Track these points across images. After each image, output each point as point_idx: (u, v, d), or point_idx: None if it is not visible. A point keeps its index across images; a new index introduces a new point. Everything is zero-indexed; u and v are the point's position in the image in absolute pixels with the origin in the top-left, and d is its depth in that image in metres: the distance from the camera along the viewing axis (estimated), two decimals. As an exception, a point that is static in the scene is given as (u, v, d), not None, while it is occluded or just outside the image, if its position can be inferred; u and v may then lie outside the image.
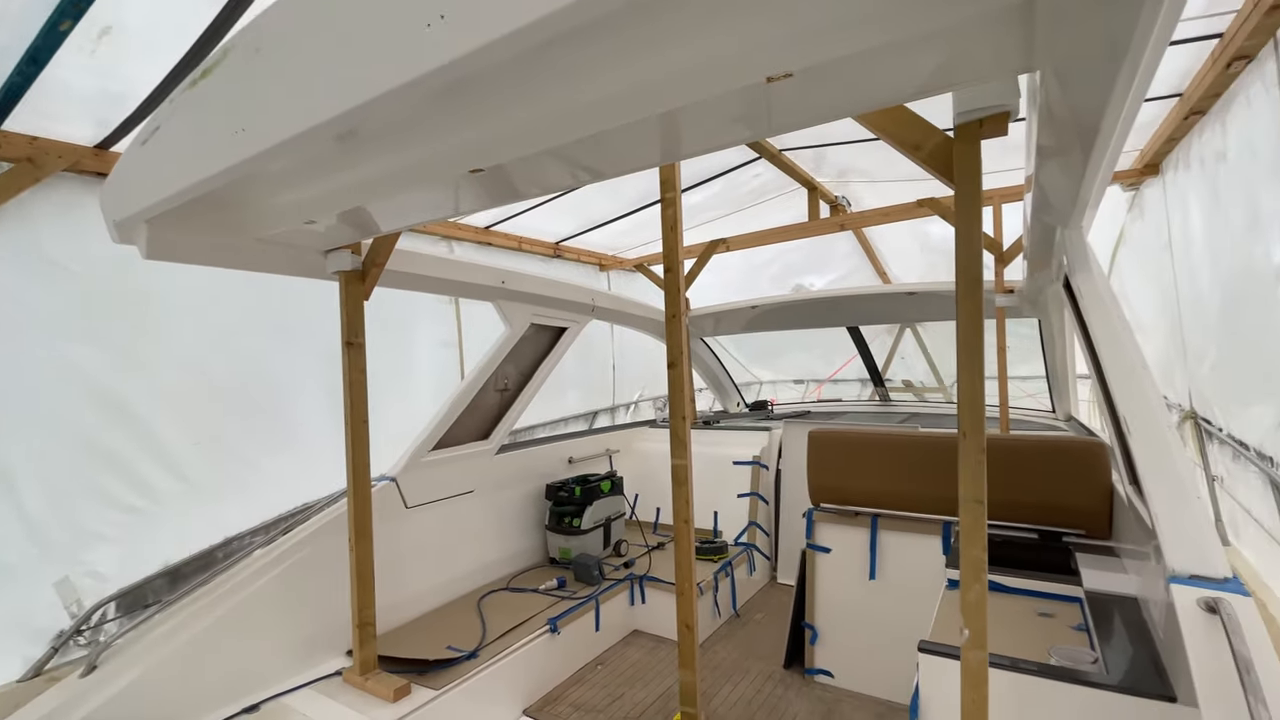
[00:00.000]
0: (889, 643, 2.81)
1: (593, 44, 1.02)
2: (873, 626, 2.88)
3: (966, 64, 1.17)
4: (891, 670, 2.80)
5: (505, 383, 3.66)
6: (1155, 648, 1.61)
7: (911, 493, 2.83)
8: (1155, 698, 1.43)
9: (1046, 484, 2.46)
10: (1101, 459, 2.38)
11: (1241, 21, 2.19)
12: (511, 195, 1.76)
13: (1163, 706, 1.41)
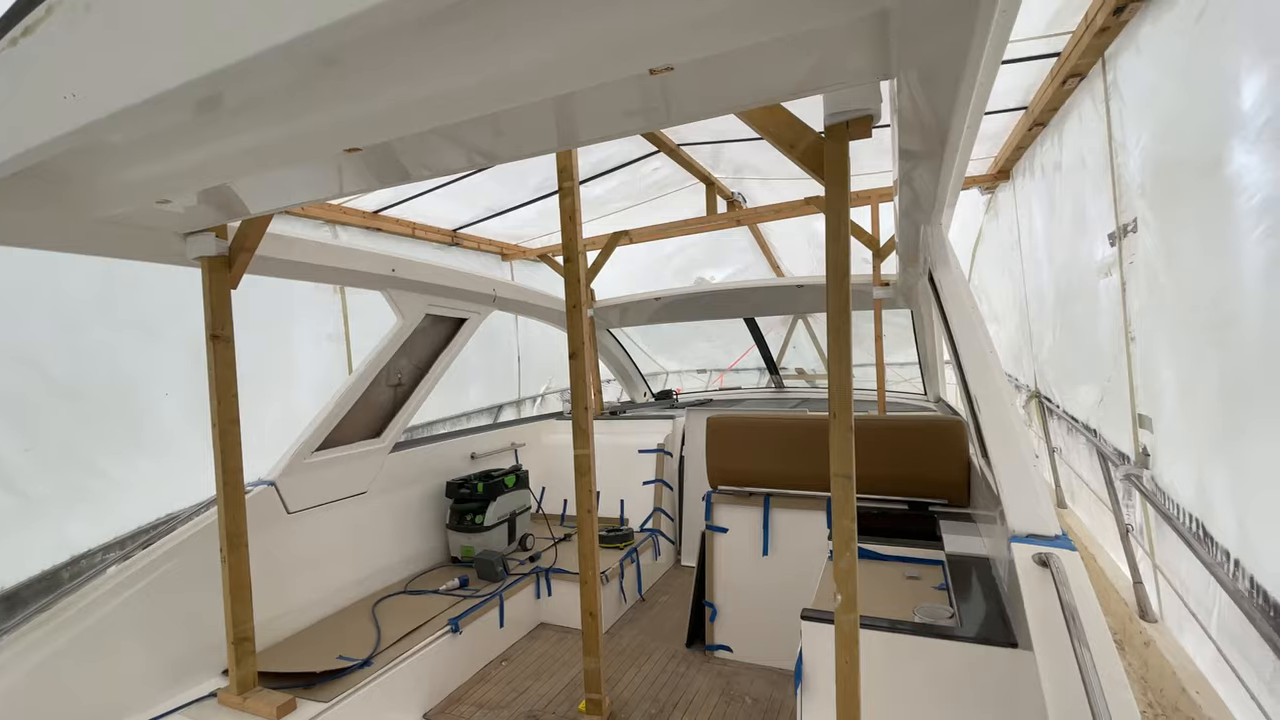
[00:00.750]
0: (781, 614, 2.97)
1: (469, 20, 0.99)
2: (766, 600, 3.04)
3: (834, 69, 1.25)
4: (784, 640, 2.97)
5: (399, 377, 3.49)
6: (1002, 601, 1.82)
7: (800, 472, 3.00)
8: (1001, 645, 1.60)
9: (915, 459, 2.69)
10: (960, 436, 2.65)
11: (1075, 42, 2.48)
12: (400, 176, 1.68)
13: (1007, 652, 1.59)
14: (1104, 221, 2.60)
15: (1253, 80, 1.54)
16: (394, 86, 1.17)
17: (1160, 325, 2.23)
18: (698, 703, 2.73)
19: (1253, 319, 1.66)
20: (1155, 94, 2.12)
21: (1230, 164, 1.66)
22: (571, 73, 1.21)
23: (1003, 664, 1.60)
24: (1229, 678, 1.89)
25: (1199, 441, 2.02)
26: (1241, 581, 1.75)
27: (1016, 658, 1.57)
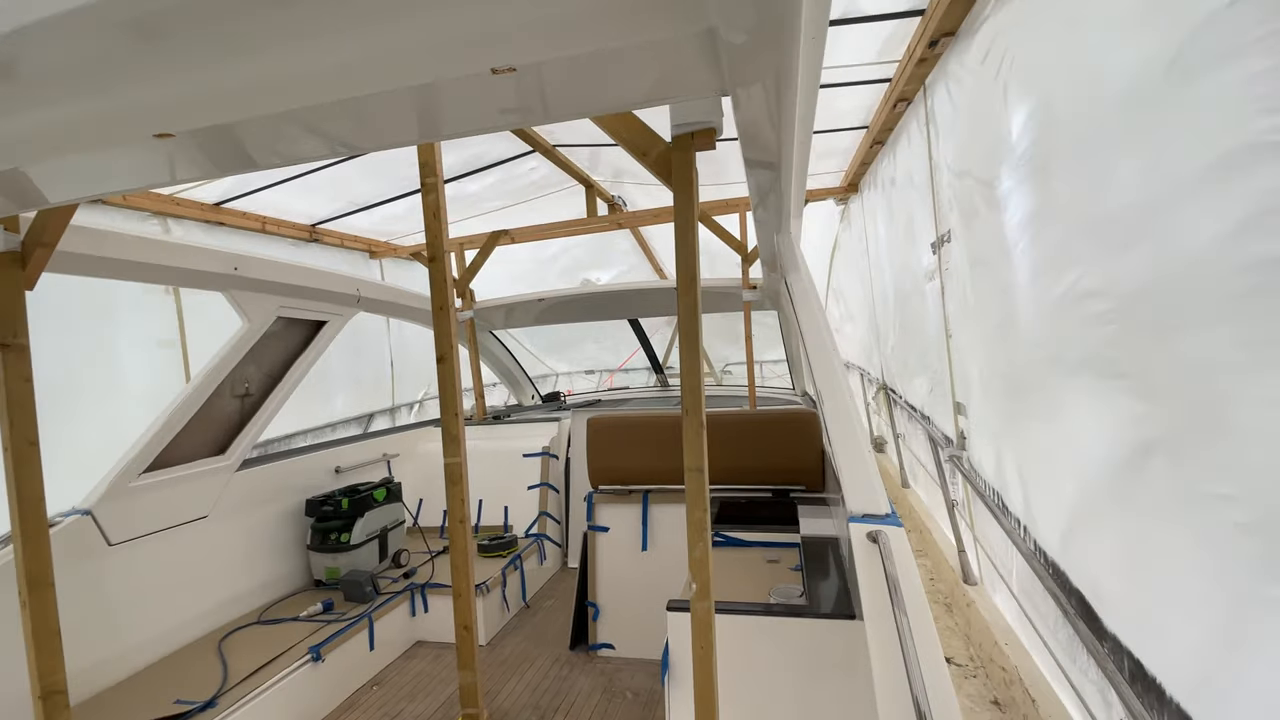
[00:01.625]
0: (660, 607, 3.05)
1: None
2: (646, 594, 3.11)
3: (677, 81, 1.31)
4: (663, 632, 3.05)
5: (246, 386, 3.19)
6: (845, 577, 1.99)
7: (676, 466, 3.10)
8: (842, 618, 1.75)
9: (777, 449, 2.88)
10: (815, 425, 2.87)
11: (901, 70, 2.78)
12: (244, 163, 1.52)
13: (847, 624, 1.74)
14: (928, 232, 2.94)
15: (1017, 115, 1.82)
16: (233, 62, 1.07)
17: (967, 324, 2.57)
18: (580, 704, 2.74)
19: (1022, 319, 1.96)
20: (956, 121, 2.44)
21: (1003, 185, 1.94)
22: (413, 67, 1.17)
23: (844, 635, 1.74)
24: (1027, 628, 2.21)
25: (995, 425, 2.35)
26: (1028, 544, 2.06)
27: (854, 628, 1.72)
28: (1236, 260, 1.10)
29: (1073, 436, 1.75)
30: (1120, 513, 1.54)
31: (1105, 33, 1.43)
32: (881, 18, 2.44)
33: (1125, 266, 1.42)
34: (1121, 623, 1.54)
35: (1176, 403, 1.29)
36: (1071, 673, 1.84)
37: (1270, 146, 1.00)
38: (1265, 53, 0.98)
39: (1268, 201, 1.02)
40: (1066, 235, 1.68)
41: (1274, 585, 1.06)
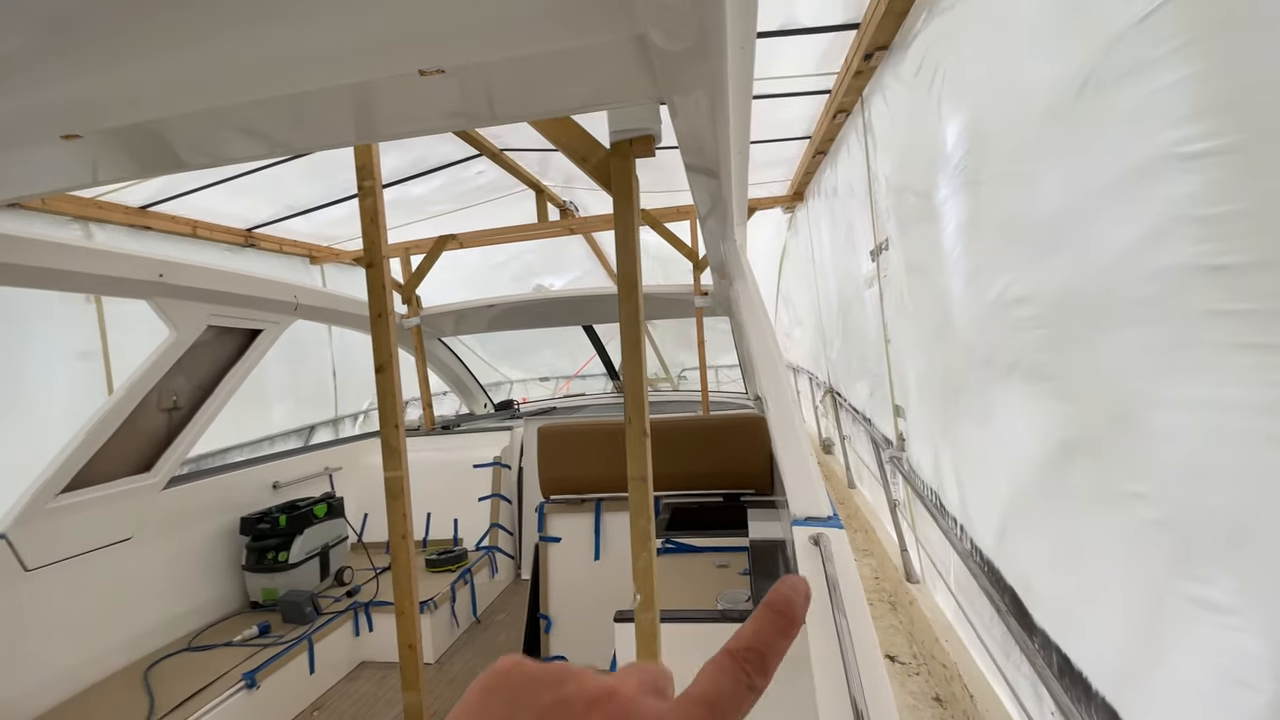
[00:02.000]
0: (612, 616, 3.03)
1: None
2: (599, 604, 3.07)
3: (614, 87, 1.30)
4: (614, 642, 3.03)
5: (174, 399, 3.01)
6: None
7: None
8: None
9: (727, 454, 2.90)
10: (763, 429, 2.90)
11: (840, 81, 2.85)
12: (172, 163, 1.44)
13: None
14: (867, 240, 3.02)
15: (951, 127, 1.89)
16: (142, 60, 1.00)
17: (905, 329, 2.65)
18: (529, 719, 2.68)
19: (957, 324, 2.04)
20: (893, 132, 2.52)
21: (939, 194, 2.02)
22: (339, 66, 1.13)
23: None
24: (965, 625, 2.28)
25: (931, 427, 2.43)
26: (964, 543, 2.13)
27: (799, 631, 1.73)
28: (1146, 268, 1.15)
29: (1004, 437, 1.82)
30: (1048, 511, 1.61)
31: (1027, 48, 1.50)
32: (818, 30, 2.50)
33: (1049, 273, 1.49)
34: (1050, 618, 1.60)
35: (1095, 404, 1.35)
36: (1006, 668, 1.91)
37: (1176, 158, 1.05)
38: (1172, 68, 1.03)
39: (1173, 211, 1.07)
40: (997, 244, 1.75)
41: (1187, 581, 1.11)
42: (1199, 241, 1.00)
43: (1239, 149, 0.92)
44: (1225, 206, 0.94)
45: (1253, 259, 0.91)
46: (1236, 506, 0.97)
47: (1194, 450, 1.05)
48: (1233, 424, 0.96)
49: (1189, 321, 1.03)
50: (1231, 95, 0.93)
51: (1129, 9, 1.10)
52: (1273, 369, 0.88)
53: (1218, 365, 0.98)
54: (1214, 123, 0.95)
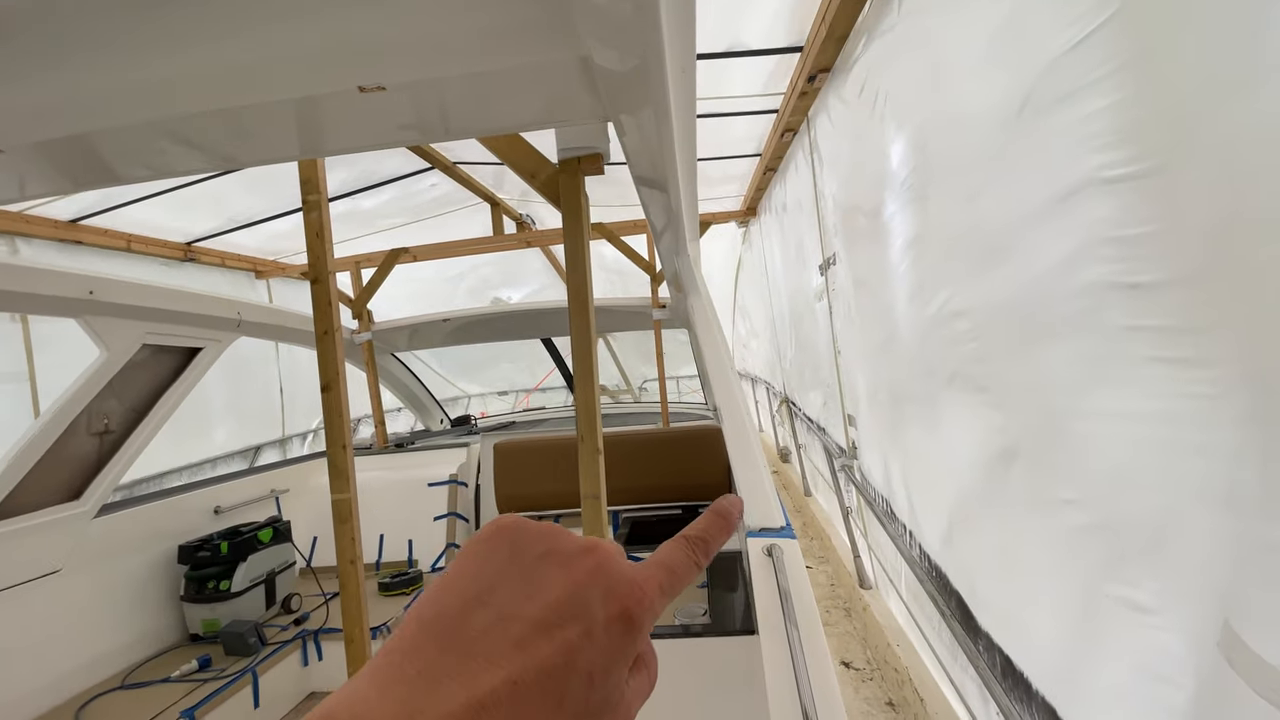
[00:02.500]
0: (571, 636, 2.99)
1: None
2: None
3: (560, 107, 1.30)
4: (575, 660, 2.98)
5: (105, 423, 2.86)
6: (748, 592, 2.02)
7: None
8: (742, 634, 1.77)
9: (685, 466, 2.91)
10: (721, 440, 2.92)
11: (786, 102, 2.93)
12: (106, 177, 1.37)
13: (746, 640, 1.76)
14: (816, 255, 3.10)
15: (896, 146, 1.97)
16: (70, 72, 0.96)
17: (853, 341, 2.73)
18: (486, 744, 2.61)
19: (902, 336, 2.10)
20: (838, 151, 2.60)
21: (885, 211, 2.09)
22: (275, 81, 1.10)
23: (744, 651, 1.76)
24: (915, 630, 2.34)
25: (881, 435, 2.50)
26: (913, 550, 2.18)
27: (753, 643, 1.74)
28: (1072, 284, 1.21)
29: (948, 446, 1.88)
30: (990, 517, 1.67)
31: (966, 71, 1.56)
32: (764, 52, 2.57)
33: (984, 288, 1.55)
34: (993, 621, 1.66)
35: (1027, 414, 1.41)
36: (954, 671, 1.96)
37: (1101, 181, 1.11)
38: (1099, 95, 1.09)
39: (1096, 232, 1.13)
40: (937, 259, 1.81)
41: (1114, 583, 1.17)
42: (1116, 261, 1.05)
43: (1152, 174, 0.98)
44: (1139, 229, 1.00)
45: (1163, 278, 0.96)
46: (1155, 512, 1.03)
47: (1116, 459, 1.11)
48: (1150, 434, 1.02)
49: (1109, 336, 1.09)
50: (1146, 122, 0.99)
51: (1061, 35, 1.16)
52: (1183, 382, 0.94)
53: (1136, 378, 1.03)
54: (1132, 149, 1.01)
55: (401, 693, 0.24)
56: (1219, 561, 0.91)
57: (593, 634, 0.27)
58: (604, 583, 0.28)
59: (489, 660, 0.25)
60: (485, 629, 0.26)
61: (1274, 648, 0.84)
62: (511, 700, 0.24)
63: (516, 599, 0.27)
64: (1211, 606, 0.94)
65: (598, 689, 0.26)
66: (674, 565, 0.32)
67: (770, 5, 2.27)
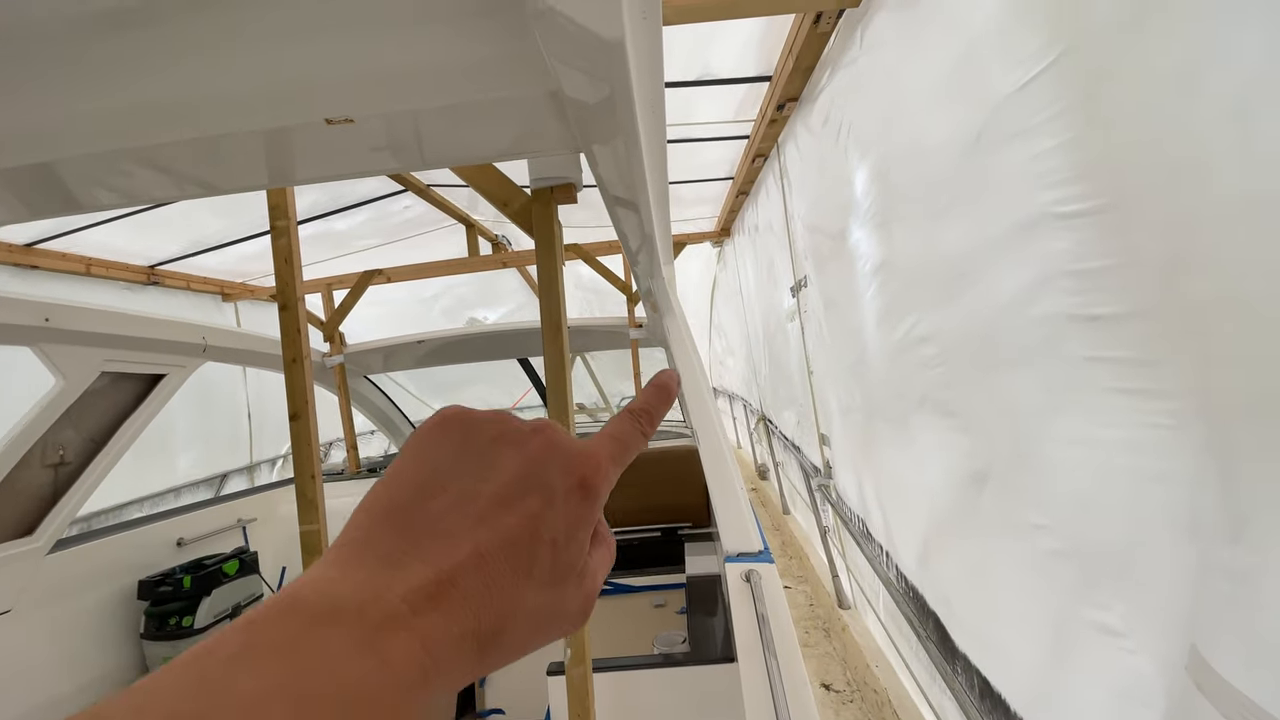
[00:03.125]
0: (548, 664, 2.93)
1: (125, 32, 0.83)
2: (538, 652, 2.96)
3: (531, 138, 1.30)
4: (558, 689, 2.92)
5: (60, 454, 2.75)
6: (727, 618, 2.00)
7: None
8: (721, 662, 1.75)
9: (663, 487, 2.89)
10: (696, 460, 2.91)
11: (757, 128, 2.98)
12: (68, 205, 1.33)
13: (726, 668, 1.74)
14: (788, 276, 3.14)
15: (859, 175, 2.01)
16: (27, 99, 0.93)
17: (825, 361, 2.76)
18: (464, 779, 2.54)
19: (871, 359, 2.14)
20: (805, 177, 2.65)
21: (852, 237, 2.13)
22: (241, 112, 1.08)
23: (723, 679, 1.74)
24: (893, 651, 2.34)
25: (855, 455, 2.52)
26: (890, 570, 2.19)
27: (733, 671, 1.72)
28: (1033, 314, 1.25)
29: (920, 468, 1.90)
30: (963, 540, 1.68)
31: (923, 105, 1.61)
32: (734, 81, 2.62)
33: (948, 316, 1.58)
34: (970, 642, 1.67)
35: (995, 440, 1.43)
36: (931, 692, 1.96)
37: (1053, 216, 1.14)
38: (1048, 135, 1.13)
39: (1052, 265, 1.17)
40: (903, 286, 1.85)
41: (1086, 607, 1.18)
42: (1074, 293, 1.09)
43: (1104, 210, 1.01)
44: (1095, 263, 1.03)
45: (1120, 311, 0.99)
46: (1122, 538, 1.05)
47: (1083, 485, 1.13)
48: (1114, 461, 1.04)
49: (1071, 366, 1.12)
50: (1094, 162, 1.03)
51: (1008, 77, 1.20)
52: (1144, 412, 0.96)
53: (1098, 407, 1.06)
54: (1083, 186, 1.05)
55: (364, 575, 0.23)
56: (1183, 586, 0.93)
57: (553, 503, 0.27)
58: (559, 456, 0.28)
59: (451, 538, 0.24)
60: (443, 512, 0.26)
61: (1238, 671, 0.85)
62: (479, 570, 0.24)
63: (473, 481, 0.27)
64: (1179, 630, 0.96)
65: (563, 555, 0.27)
66: (622, 436, 0.33)
67: (740, 36, 2.31)
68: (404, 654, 0.21)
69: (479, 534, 0.25)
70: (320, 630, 0.21)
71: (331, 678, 0.20)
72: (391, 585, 0.22)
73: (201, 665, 0.19)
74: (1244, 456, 0.80)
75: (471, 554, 0.24)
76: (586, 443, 0.31)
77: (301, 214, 4.17)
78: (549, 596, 0.27)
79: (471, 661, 0.24)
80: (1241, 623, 0.82)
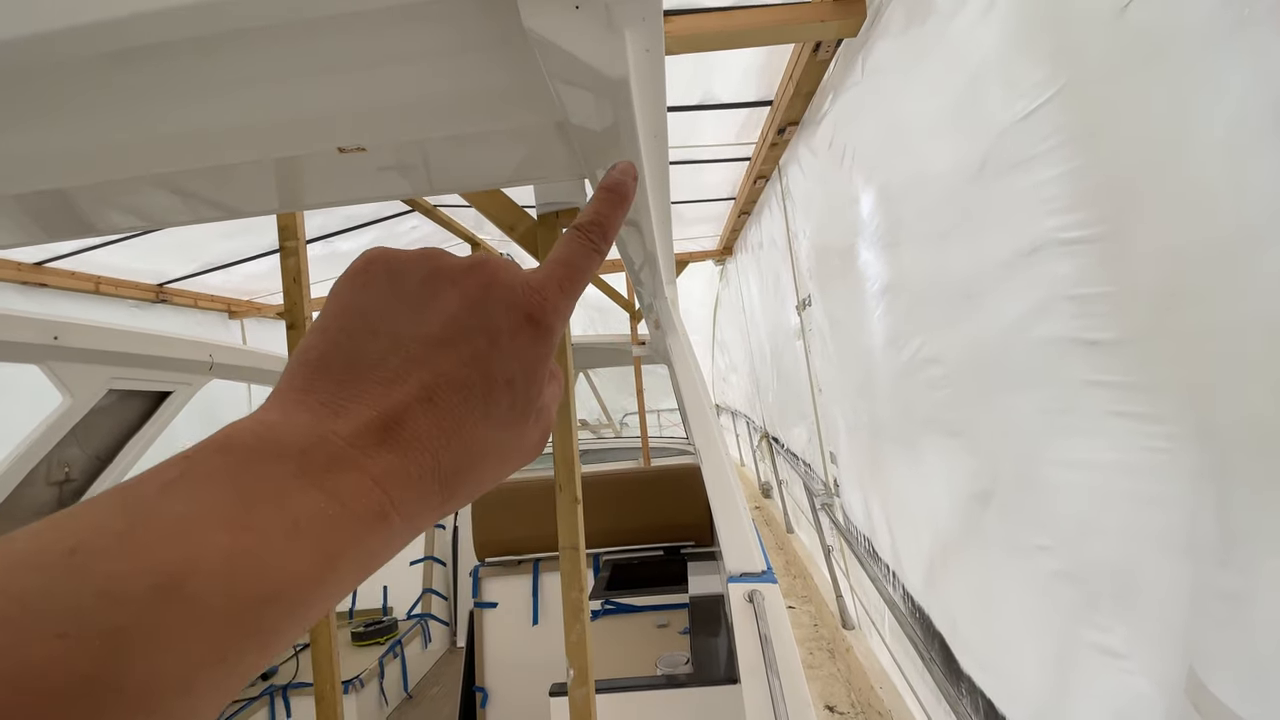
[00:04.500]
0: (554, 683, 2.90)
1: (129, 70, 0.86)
2: (538, 672, 2.94)
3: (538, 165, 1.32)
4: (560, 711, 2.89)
5: (66, 471, 2.76)
6: (730, 639, 1.99)
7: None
8: (724, 683, 1.74)
9: (666, 506, 2.89)
10: (698, 478, 2.91)
11: (758, 151, 3.03)
12: (80, 229, 1.36)
13: (729, 689, 1.73)
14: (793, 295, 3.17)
15: (864, 197, 2.04)
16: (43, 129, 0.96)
17: (833, 379, 2.77)
18: (464, 804, 2.51)
19: (878, 378, 2.15)
20: (810, 198, 2.69)
21: (859, 257, 2.15)
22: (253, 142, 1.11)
23: (726, 701, 1.73)
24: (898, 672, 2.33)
25: (862, 473, 2.52)
26: (896, 590, 2.19)
27: (735, 693, 1.71)
28: (1035, 337, 1.26)
29: (926, 488, 1.91)
30: (968, 561, 1.68)
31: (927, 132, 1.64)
32: (735, 105, 2.67)
33: (954, 338, 1.60)
34: (974, 664, 1.66)
35: (999, 461, 1.44)
36: (936, 715, 1.95)
37: (1056, 242, 1.16)
38: (1051, 164, 1.15)
39: (1055, 289, 1.18)
40: (910, 307, 1.87)
41: (1088, 628, 1.18)
42: (1075, 318, 1.10)
43: (1104, 238, 1.03)
44: (1095, 288, 1.05)
45: (1118, 336, 1.01)
46: (1121, 559, 1.05)
47: (1084, 508, 1.14)
48: (1114, 485, 1.05)
49: (1072, 389, 1.13)
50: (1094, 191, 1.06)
51: (1010, 108, 1.23)
52: (1143, 435, 0.97)
53: (1098, 430, 1.07)
54: (1085, 214, 1.07)
55: (307, 418, 0.22)
56: (1181, 608, 0.93)
57: (499, 343, 0.26)
58: (501, 294, 0.27)
59: (393, 380, 0.24)
60: (381, 355, 0.24)
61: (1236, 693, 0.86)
62: (428, 411, 0.23)
63: (409, 323, 0.25)
64: (1178, 652, 0.96)
65: (520, 394, 0.26)
66: (571, 259, 0.30)
67: (741, 63, 2.37)
68: (355, 491, 0.21)
69: (422, 375, 0.24)
70: (261, 466, 0.20)
71: (278, 508, 0.19)
72: (336, 429, 0.22)
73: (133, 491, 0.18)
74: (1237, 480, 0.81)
75: (418, 395, 0.23)
76: (531, 273, 0.29)
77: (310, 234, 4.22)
78: (508, 434, 0.26)
79: (436, 499, 0.24)
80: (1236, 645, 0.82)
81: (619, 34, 0.68)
